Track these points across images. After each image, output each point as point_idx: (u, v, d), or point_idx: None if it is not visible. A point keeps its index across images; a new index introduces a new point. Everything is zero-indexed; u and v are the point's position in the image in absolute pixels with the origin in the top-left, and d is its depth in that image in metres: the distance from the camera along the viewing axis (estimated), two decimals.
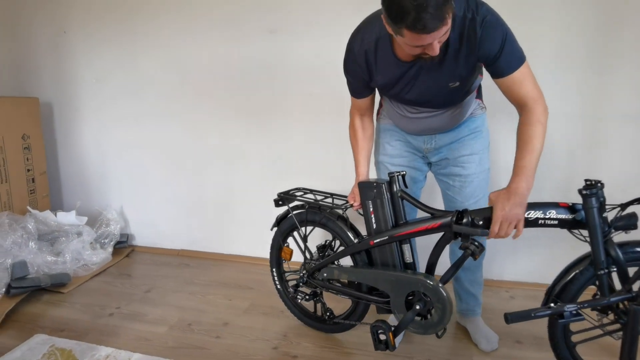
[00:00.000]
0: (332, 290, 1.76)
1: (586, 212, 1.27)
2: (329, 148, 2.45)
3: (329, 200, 1.81)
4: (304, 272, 1.83)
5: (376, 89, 1.58)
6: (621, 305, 1.30)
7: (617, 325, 1.33)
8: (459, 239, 1.41)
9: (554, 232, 2.15)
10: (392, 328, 1.52)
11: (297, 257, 1.95)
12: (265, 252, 2.11)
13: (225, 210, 2.75)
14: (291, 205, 1.86)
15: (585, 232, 1.30)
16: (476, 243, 1.38)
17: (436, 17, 1.09)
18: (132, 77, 2.72)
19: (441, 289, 1.45)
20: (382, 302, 1.62)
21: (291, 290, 1.92)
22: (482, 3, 1.27)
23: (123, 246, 2.86)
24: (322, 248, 1.84)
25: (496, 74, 1.34)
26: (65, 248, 2.49)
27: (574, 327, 1.40)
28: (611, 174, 2.10)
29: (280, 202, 1.85)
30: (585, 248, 1.32)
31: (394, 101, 1.60)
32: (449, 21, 1.14)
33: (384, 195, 1.54)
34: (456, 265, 1.47)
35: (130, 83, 2.73)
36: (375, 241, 1.57)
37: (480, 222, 1.36)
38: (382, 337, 1.53)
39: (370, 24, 1.40)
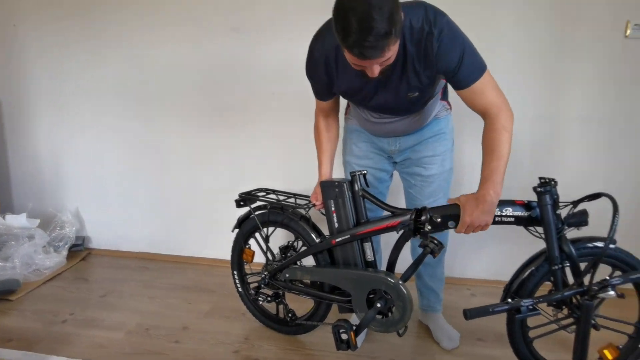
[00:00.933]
0: (295, 290, 1.74)
1: (541, 209, 1.30)
2: (292, 148, 2.43)
3: (292, 200, 1.79)
4: (265, 273, 1.80)
5: None
6: (574, 300, 1.34)
7: (571, 320, 1.37)
8: (419, 236, 1.42)
9: (513, 229, 2.19)
10: (354, 327, 1.51)
11: (259, 259, 1.92)
12: (227, 254, 2.07)
13: (186, 211, 2.68)
14: (253, 205, 1.82)
15: (540, 229, 1.33)
16: (435, 241, 1.39)
17: (375, 47, 1.09)
18: (89, 74, 2.60)
19: (402, 287, 1.45)
20: (344, 301, 1.61)
21: (252, 292, 1.88)
22: (441, 15, 1.26)
23: (79, 249, 2.75)
24: (284, 249, 1.82)
25: (457, 86, 1.34)
26: (14, 252, 2.36)
27: (531, 322, 1.43)
28: (566, 173, 2.17)
29: (242, 203, 1.81)
30: (542, 245, 1.35)
31: (358, 106, 1.60)
32: (389, 53, 1.15)
33: (345, 194, 1.53)
34: (416, 263, 1.48)
35: (87, 80, 2.61)
36: (337, 240, 1.56)
37: (439, 220, 1.37)
38: (344, 336, 1.52)
39: (330, 30, 1.33)
